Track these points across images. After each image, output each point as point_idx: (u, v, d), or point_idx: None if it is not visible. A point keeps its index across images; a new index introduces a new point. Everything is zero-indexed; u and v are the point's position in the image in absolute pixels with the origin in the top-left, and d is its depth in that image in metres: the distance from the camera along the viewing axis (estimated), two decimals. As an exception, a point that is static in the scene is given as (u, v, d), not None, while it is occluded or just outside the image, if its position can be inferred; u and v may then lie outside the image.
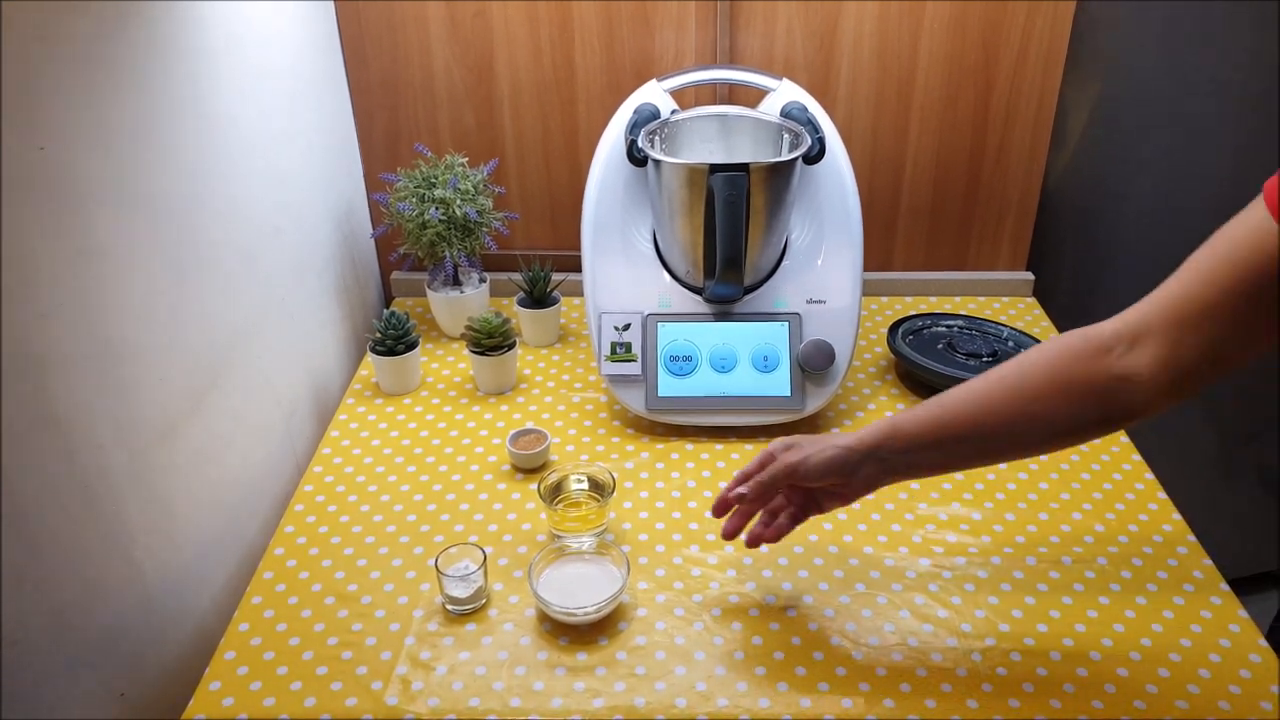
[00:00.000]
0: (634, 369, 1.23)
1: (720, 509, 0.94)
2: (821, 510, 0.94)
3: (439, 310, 1.46)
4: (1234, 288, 0.74)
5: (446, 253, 1.37)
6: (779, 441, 0.92)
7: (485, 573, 0.98)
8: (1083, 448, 1.21)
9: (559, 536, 1.06)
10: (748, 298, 1.25)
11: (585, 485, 1.09)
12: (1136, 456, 1.20)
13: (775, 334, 1.24)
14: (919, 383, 1.34)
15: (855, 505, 1.11)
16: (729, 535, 0.93)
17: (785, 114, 1.25)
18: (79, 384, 0.82)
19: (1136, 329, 0.79)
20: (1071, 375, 0.81)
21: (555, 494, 1.08)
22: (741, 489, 0.91)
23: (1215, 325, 0.76)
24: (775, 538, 0.94)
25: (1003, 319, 1.48)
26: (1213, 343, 0.76)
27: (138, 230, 0.90)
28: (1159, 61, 1.46)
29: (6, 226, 0.72)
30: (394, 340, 1.31)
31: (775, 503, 0.95)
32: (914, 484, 1.15)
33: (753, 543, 0.94)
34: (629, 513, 1.11)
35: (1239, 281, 0.74)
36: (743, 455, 1.21)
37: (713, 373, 1.23)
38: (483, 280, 1.47)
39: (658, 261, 1.27)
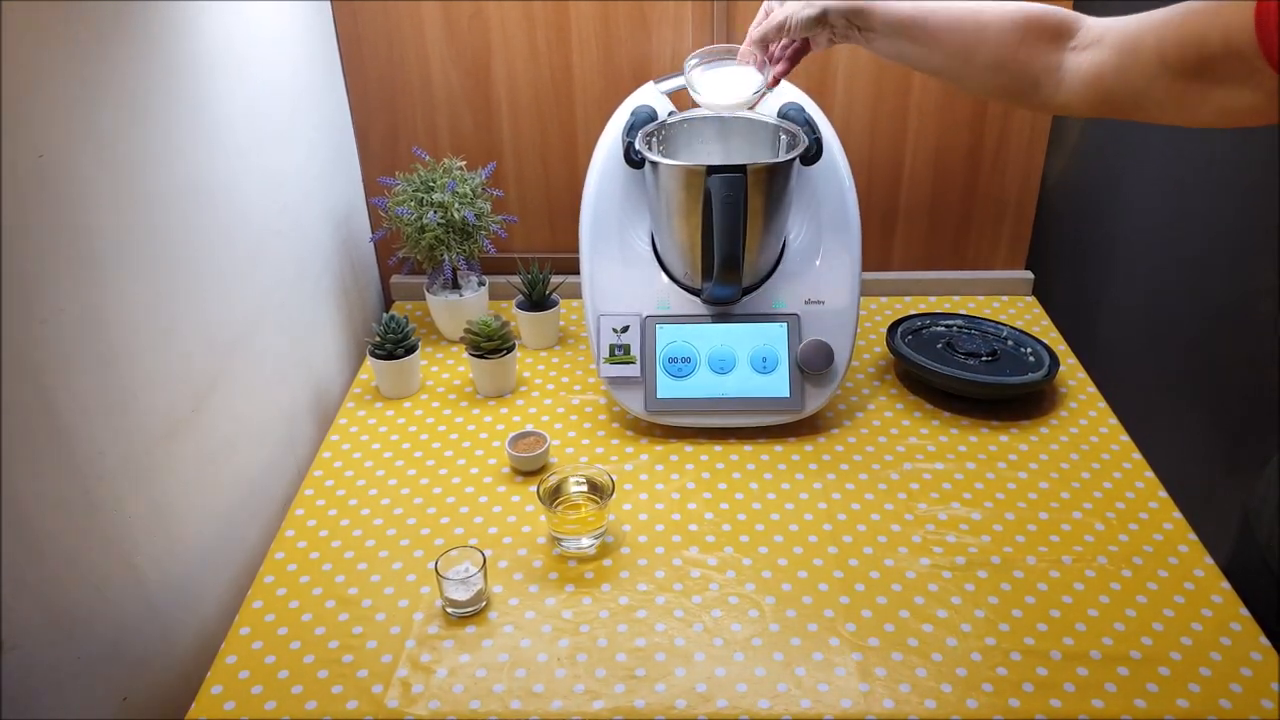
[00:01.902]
0: (633, 371, 1.23)
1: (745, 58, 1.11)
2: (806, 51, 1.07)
3: (438, 314, 1.46)
4: (1186, 49, 0.75)
5: (445, 256, 1.37)
6: None
7: (485, 575, 0.98)
8: (1083, 446, 1.21)
9: (559, 539, 1.06)
10: (746, 299, 1.25)
11: (584, 487, 1.09)
12: (1136, 455, 1.20)
13: (774, 335, 1.24)
14: (918, 382, 1.34)
15: (854, 505, 1.12)
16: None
17: (782, 115, 1.25)
18: (79, 389, 0.82)
19: (1099, 36, 0.84)
20: (1027, 37, 0.87)
21: (554, 496, 1.08)
22: (747, 46, 1.09)
23: (1154, 69, 0.78)
24: (785, 70, 1.09)
25: (1002, 318, 1.48)
26: (1145, 83, 0.80)
27: (136, 235, 0.90)
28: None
29: (6, 233, 0.72)
30: (393, 344, 1.31)
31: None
32: (913, 484, 1.15)
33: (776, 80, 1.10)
34: (628, 514, 1.12)
35: (1194, 46, 0.75)
36: (741, 456, 1.21)
37: (711, 374, 1.23)
38: (481, 283, 1.47)
39: (656, 263, 1.27)
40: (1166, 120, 0.83)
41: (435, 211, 1.34)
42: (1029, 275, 1.58)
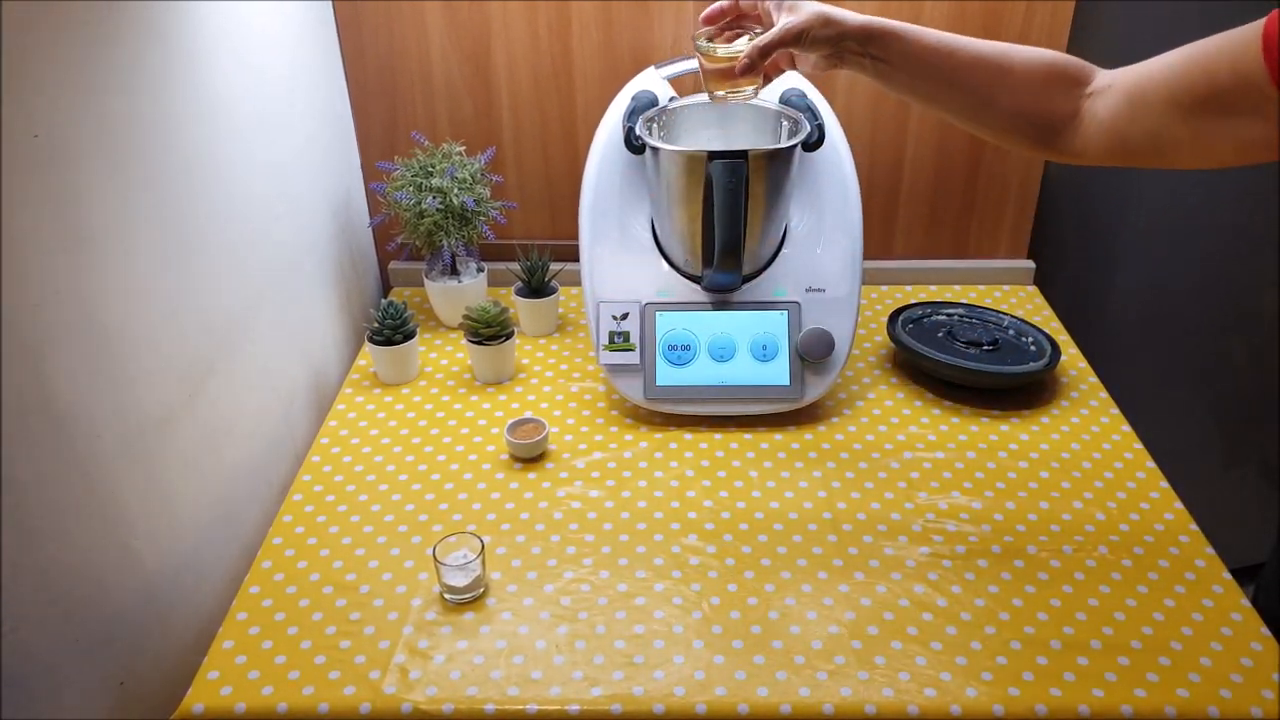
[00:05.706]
0: (632, 358, 1.23)
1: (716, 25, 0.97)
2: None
3: (437, 300, 1.45)
4: (1196, 85, 0.75)
5: (444, 242, 1.36)
6: None
7: (483, 562, 0.98)
8: (1084, 436, 1.21)
9: (713, 93, 0.98)
10: (746, 286, 1.25)
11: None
12: (1138, 445, 1.20)
13: (774, 323, 1.23)
14: (919, 371, 1.33)
15: (854, 494, 1.11)
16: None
17: (784, 101, 1.24)
18: (76, 372, 0.81)
19: (1109, 84, 0.84)
20: (1050, 81, 0.86)
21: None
22: (746, 59, 0.92)
23: (1167, 111, 0.78)
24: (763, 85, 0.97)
25: (1003, 307, 1.47)
26: (1159, 126, 0.79)
27: (134, 218, 0.89)
28: (1158, 52, 1.45)
29: (1, 213, 0.72)
30: (392, 330, 1.30)
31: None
32: (913, 473, 1.15)
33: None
34: (627, 502, 1.11)
35: (1204, 80, 0.75)
36: (741, 444, 1.20)
37: (711, 362, 1.23)
38: (480, 270, 1.46)
39: (656, 250, 1.27)
40: (1187, 163, 0.82)
41: (434, 197, 1.33)
42: (1030, 265, 1.57)
